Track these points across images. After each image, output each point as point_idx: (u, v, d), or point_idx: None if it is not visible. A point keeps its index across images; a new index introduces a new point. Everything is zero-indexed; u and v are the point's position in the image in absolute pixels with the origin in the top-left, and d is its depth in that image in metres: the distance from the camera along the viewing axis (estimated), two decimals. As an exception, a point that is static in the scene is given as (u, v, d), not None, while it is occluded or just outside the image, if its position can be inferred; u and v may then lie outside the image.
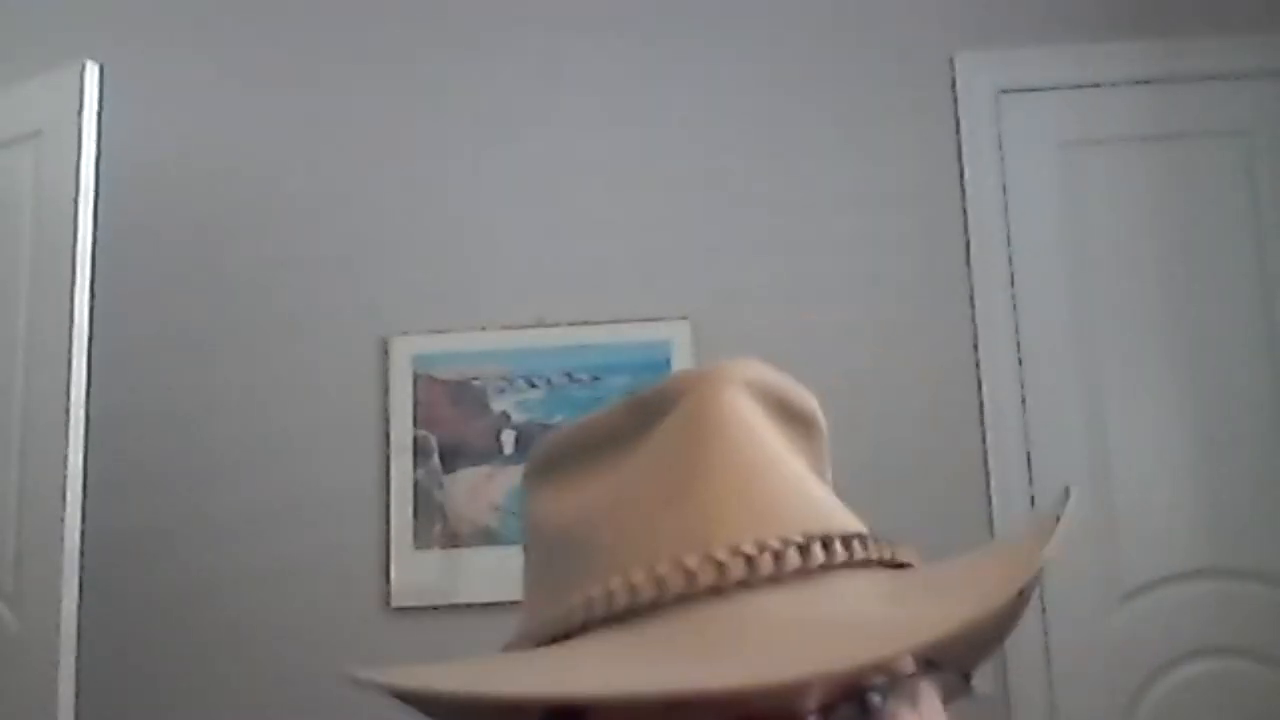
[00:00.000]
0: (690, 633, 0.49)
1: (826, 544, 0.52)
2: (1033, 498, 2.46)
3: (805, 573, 0.51)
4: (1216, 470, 2.46)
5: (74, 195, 2.61)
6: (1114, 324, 2.53)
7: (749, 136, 2.63)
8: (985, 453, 2.48)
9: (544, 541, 0.60)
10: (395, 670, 0.48)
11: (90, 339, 2.59)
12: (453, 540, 2.48)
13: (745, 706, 0.47)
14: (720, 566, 0.50)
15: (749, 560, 0.51)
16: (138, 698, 2.48)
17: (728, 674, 0.44)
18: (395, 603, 2.47)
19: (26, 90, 2.72)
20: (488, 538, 2.47)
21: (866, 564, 0.54)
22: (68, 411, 2.52)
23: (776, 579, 0.51)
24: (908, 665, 0.53)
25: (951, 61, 2.62)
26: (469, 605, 2.42)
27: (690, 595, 0.50)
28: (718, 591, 0.50)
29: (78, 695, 2.44)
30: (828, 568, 0.52)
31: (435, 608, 2.44)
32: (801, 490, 0.56)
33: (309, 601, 2.49)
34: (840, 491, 0.61)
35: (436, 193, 2.65)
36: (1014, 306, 2.53)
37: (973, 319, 2.52)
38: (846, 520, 0.57)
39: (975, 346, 2.52)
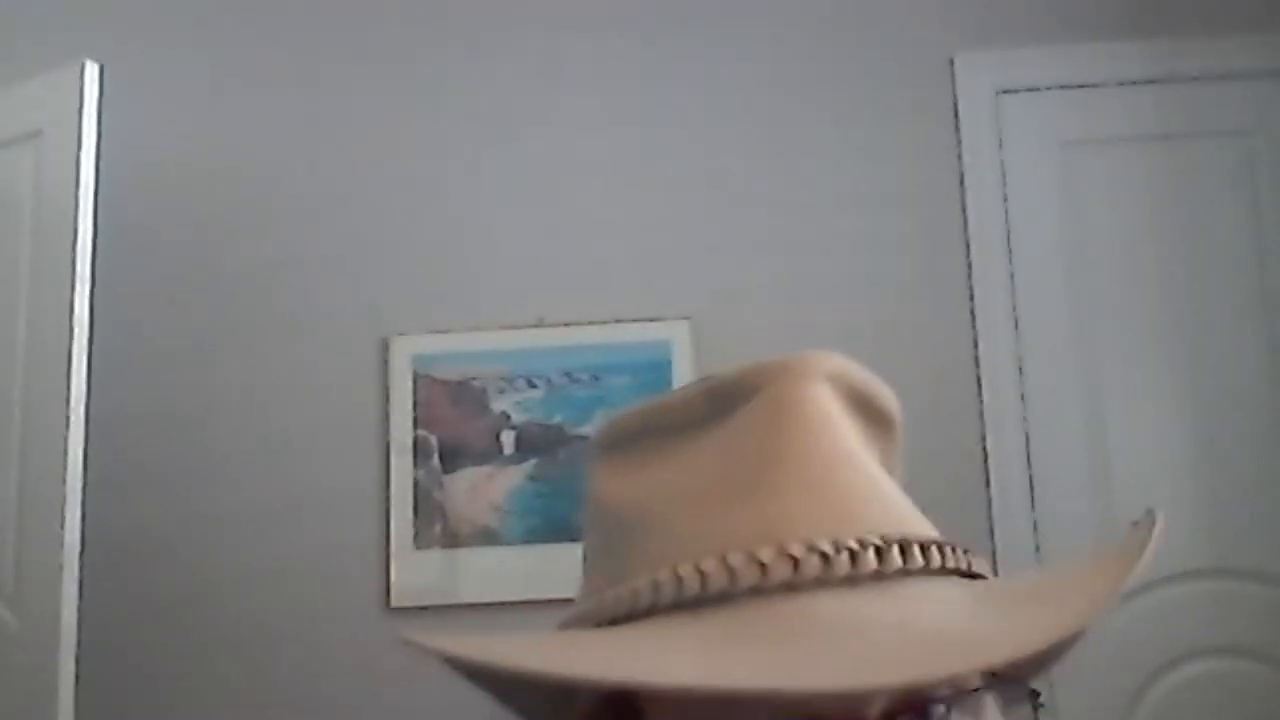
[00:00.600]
0: (765, 628, 0.48)
1: (905, 549, 0.51)
2: (1033, 498, 2.46)
3: (881, 576, 0.50)
4: (1216, 470, 2.46)
5: (74, 195, 2.60)
6: (1114, 324, 2.53)
7: (749, 136, 2.63)
8: (985, 453, 2.47)
9: (608, 521, 0.58)
10: (462, 640, 0.47)
11: (90, 339, 2.58)
12: (453, 540, 2.48)
13: (809, 707, 0.46)
14: (795, 562, 0.49)
15: (825, 558, 0.49)
16: (137, 698, 2.48)
17: (811, 674, 0.43)
18: (395, 603, 2.47)
19: (26, 90, 2.72)
20: (488, 538, 2.47)
21: (943, 572, 0.53)
22: (68, 411, 2.52)
23: (852, 580, 0.50)
24: (974, 678, 0.51)
25: (951, 61, 2.62)
26: (469, 605, 2.42)
27: (762, 589, 0.49)
28: (790, 588, 0.49)
29: (78, 695, 2.43)
30: (905, 573, 0.51)
31: (435, 608, 2.44)
32: (880, 490, 0.55)
33: (309, 601, 2.49)
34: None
35: (436, 193, 2.65)
36: (1014, 306, 2.53)
37: (973, 319, 2.52)
38: (922, 525, 0.55)
39: (975, 346, 2.51)
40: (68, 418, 2.51)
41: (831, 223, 2.58)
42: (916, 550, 0.51)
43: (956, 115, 2.60)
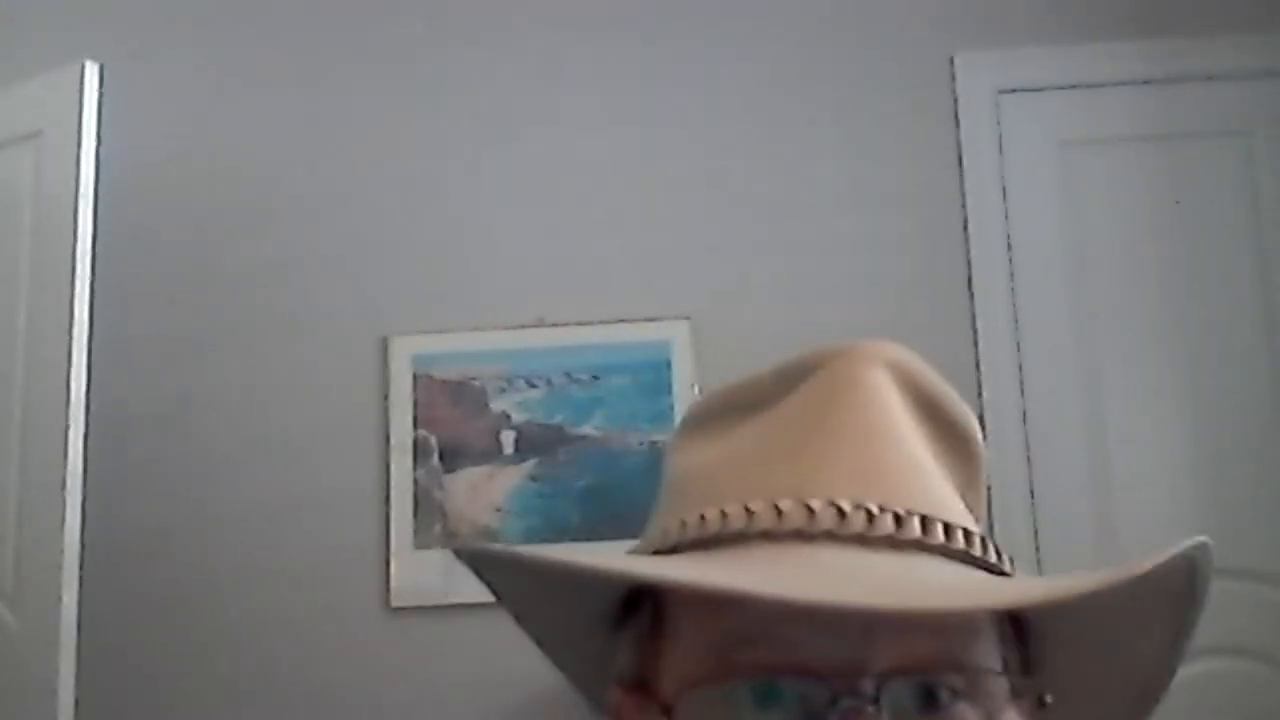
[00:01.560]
0: (766, 561, 0.50)
1: (925, 523, 0.52)
2: (1033, 498, 2.46)
3: (896, 543, 0.51)
4: (1216, 470, 2.46)
5: (74, 195, 2.60)
6: (1114, 324, 2.52)
7: (749, 136, 2.63)
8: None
9: (674, 483, 0.61)
10: (505, 549, 0.55)
11: (90, 339, 2.58)
12: (453, 540, 2.48)
13: (807, 651, 0.47)
14: (810, 513, 0.51)
15: (841, 513, 0.51)
16: (137, 698, 2.48)
17: (791, 589, 0.45)
18: (395, 603, 2.47)
19: (26, 90, 2.72)
20: (488, 537, 2.47)
21: (963, 557, 0.53)
22: (68, 411, 2.52)
23: (865, 539, 0.51)
24: (990, 662, 0.51)
25: (951, 61, 2.62)
26: (469, 605, 2.41)
27: (776, 534, 0.51)
28: (803, 536, 0.51)
29: (78, 695, 2.43)
30: (921, 546, 0.52)
31: (435, 608, 2.44)
32: (918, 471, 0.56)
33: (309, 601, 2.49)
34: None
35: (436, 193, 2.65)
36: (1014, 306, 2.53)
37: (973, 319, 2.52)
38: (957, 513, 0.55)
39: (975, 346, 2.51)
40: (68, 417, 2.51)
41: (831, 223, 2.58)
42: (939, 528, 0.52)
43: (956, 115, 2.59)
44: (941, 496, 0.56)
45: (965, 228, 2.56)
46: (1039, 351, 2.51)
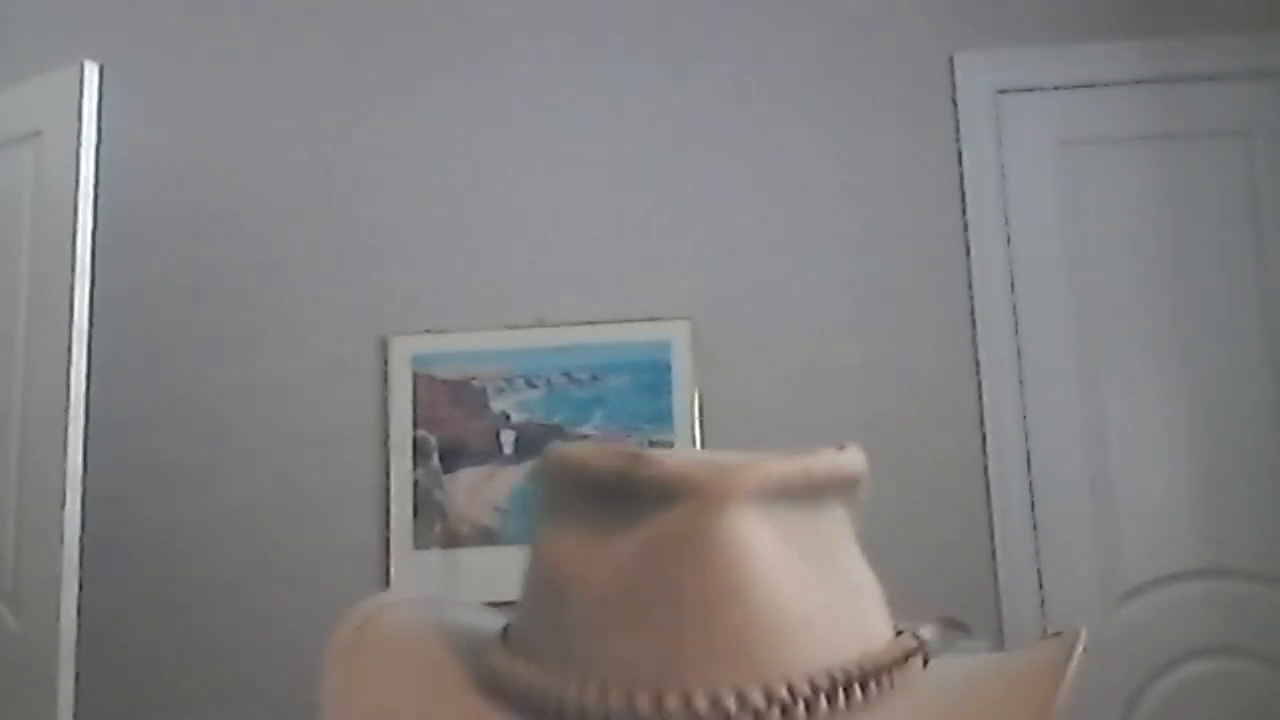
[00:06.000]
0: None
1: (784, 702, 0.51)
2: (1033, 498, 2.46)
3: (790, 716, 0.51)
4: (1216, 470, 2.46)
5: (73, 195, 2.61)
6: (1114, 323, 2.53)
7: (749, 136, 2.63)
8: (985, 453, 2.48)
9: (535, 573, 0.61)
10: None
11: (90, 339, 2.59)
12: (452, 540, 2.48)
13: None
14: (663, 713, 0.51)
15: (694, 712, 0.50)
16: (137, 698, 2.48)
17: None
18: (395, 603, 2.47)
19: (26, 90, 2.72)
20: (487, 538, 2.47)
21: (837, 713, 0.53)
22: (68, 411, 2.52)
23: None
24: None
25: (951, 61, 2.62)
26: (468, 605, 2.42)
27: None
28: None
29: (77, 695, 2.44)
30: (813, 709, 0.52)
31: (435, 608, 2.44)
32: (784, 621, 0.54)
33: (309, 601, 2.49)
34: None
35: (436, 193, 2.65)
36: (1014, 306, 2.53)
37: (973, 319, 2.53)
38: (837, 652, 0.54)
39: (975, 346, 2.52)
40: (68, 417, 2.52)
41: (831, 223, 2.58)
42: (801, 700, 0.52)
43: (956, 115, 2.60)
44: (808, 639, 0.54)
45: (965, 227, 2.56)
46: (1039, 351, 2.51)
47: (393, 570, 2.48)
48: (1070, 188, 2.57)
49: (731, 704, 0.50)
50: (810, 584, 0.55)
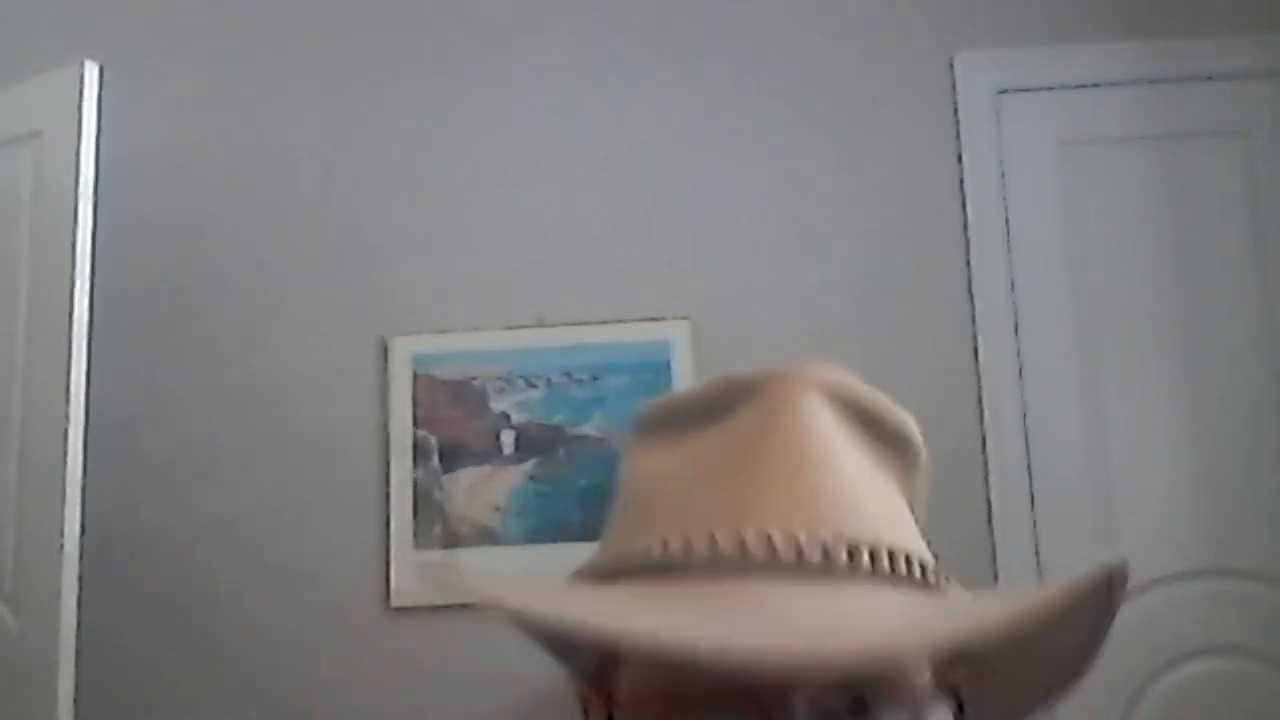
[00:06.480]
0: (698, 599, 0.53)
1: (853, 551, 0.55)
2: (1033, 498, 2.46)
3: (828, 571, 0.54)
4: (1216, 470, 2.46)
5: (73, 195, 2.60)
6: (1114, 324, 2.53)
7: (748, 136, 2.63)
8: (985, 453, 2.47)
9: (624, 493, 0.66)
10: (474, 579, 0.56)
11: (90, 338, 2.58)
12: (452, 540, 2.48)
13: (744, 677, 0.50)
14: (744, 547, 0.54)
15: (772, 547, 0.54)
16: (137, 698, 2.48)
17: (712, 642, 0.48)
18: (395, 603, 2.47)
19: (26, 90, 2.72)
20: (487, 538, 2.47)
21: (896, 580, 0.56)
22: (68, 411, 2.52)
23: (797, 571, 0.54)
24: (918, 678, 0.56)
25: (951, 61, 2.62)
26: (469, 605, 2.41)
27: (712, 566, 0.54)
28: (737, 568, 0.54)
29: (77, 695, 2.43)
30: (854, 572, 0.55)
31: (435, 608, 2.44)
32: (851, 495, 0.59)
33: (309, 601, 2.49)
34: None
35: (436, 193, 2.65)
36: (1014, 306, 2.53)
37: (973, 319, 2.52)
38: (895, 535, 0.59)
39: (975, 346, 2.52)
40: (67, 417, 2.52)
41: (831, 223, 2.58)
42: (866, 553, 0.55)
43: (956, 115, 2.60)
44: (874, 516, 0.59)
45: (965, 227, 2.56)
46: (1039, 351, 2.51)
47: (393, 570, 2.48)
48: (1070, 188, 2.57)
49: (804, 540, 0.54)
50: (876, 479, 0.62)
